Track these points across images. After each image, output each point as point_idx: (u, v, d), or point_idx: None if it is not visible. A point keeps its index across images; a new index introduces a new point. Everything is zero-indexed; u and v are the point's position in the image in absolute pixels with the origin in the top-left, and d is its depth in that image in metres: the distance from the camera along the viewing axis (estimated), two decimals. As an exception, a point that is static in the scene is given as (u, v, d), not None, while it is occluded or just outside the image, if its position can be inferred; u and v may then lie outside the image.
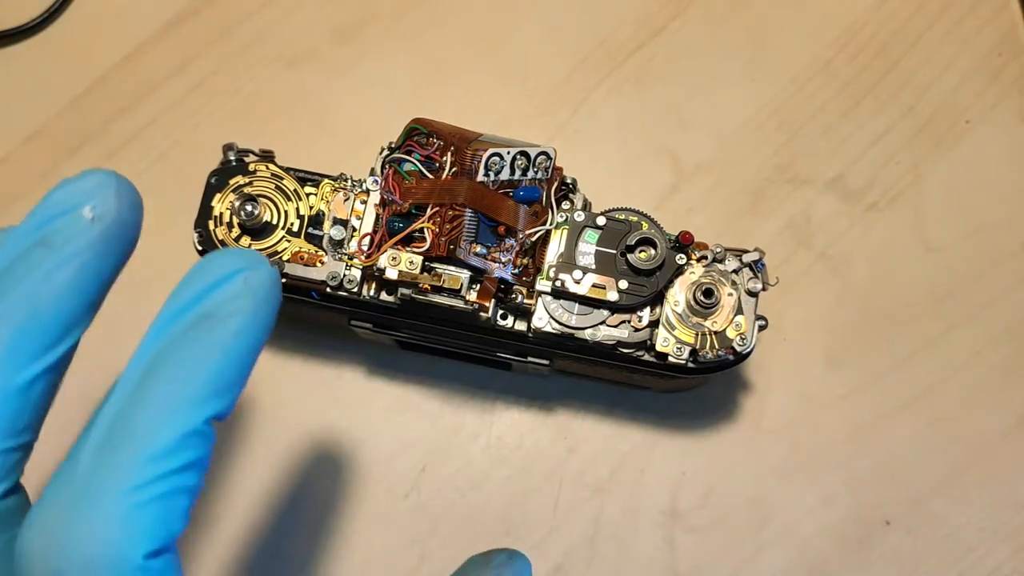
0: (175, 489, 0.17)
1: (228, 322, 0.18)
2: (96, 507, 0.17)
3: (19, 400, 0.18)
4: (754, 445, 0.37)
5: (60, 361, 0.19)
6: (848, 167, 0.39)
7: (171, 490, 0.17)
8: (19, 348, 0.18)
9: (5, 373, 0.18)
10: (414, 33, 0.41)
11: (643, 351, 0.29)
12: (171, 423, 0.17)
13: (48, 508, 0.17)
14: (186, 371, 0.18)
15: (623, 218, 0.29)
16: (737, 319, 0.29)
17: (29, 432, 0.19)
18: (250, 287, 0.18)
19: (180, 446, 0.17)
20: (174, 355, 0.18)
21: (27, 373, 0.18)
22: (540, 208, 0.28)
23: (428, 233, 0.27)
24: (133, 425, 0.17)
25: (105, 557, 0.16)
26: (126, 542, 0.16)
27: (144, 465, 0.17)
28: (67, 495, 0.17)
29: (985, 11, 0.41)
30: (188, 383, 0.17)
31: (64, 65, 0.40)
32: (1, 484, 0.18)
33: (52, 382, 0.19)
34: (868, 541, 0.36)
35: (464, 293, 0.28)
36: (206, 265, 0.18)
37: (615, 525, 0.36)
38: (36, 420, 0.19)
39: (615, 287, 0.28)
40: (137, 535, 0.17)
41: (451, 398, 0.37)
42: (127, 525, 0.17)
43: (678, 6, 0.41)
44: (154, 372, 0.18)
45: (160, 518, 0.17)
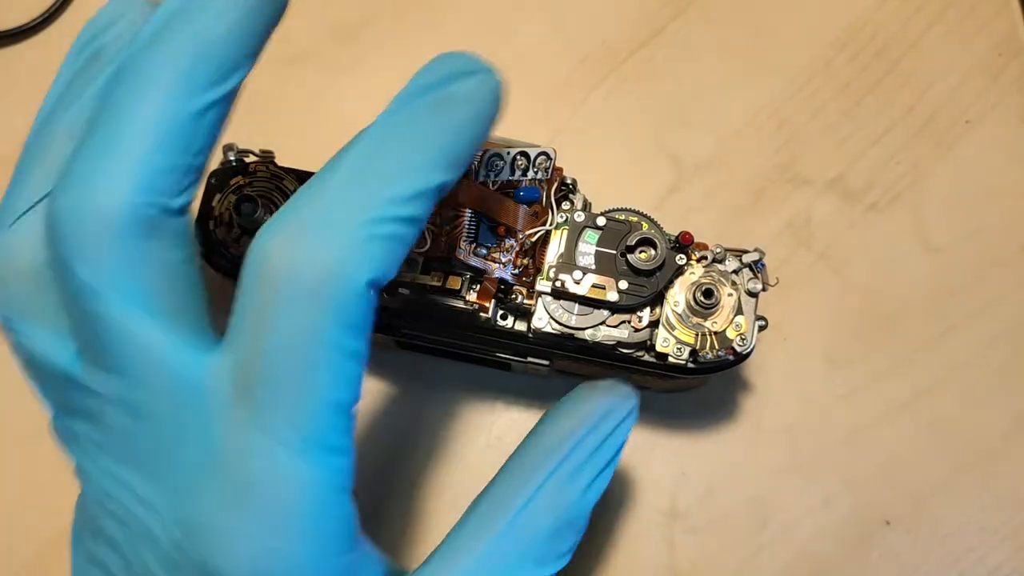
0: (400, 236, 0.20)
1: (464, 107, 0.21)
2: (338, 228, 0.19)
3: (193, 124, 0.20)
4: (754, 445, 0.37)
5: (227, 96, 0.20)
6: (848, 167, 0.39)
7: (397, 234, 0.20)
8: (193, 78, 0.20)
9: (182, 99, 0.19)
10: (414, 33, 0.41)
11: (643, 351, 0.29)
12: (409, 177, 0.20)
13: (292, 220, 0.19)
14: (424, 140, 0.20)
15: (623, 218, 0.29)
16: (737, 319, 0.29)
17: (202, 156, 0.20)
18: (485, 86, 0.21)
19: (411, 199, 0.20)
20: (414, 125, 0.20)
21: (200, 101, 0.20)
22: (540, 208, 0.28)
23: (427, 234, 0.28)
24: (377, 171, 0.20)
25: (337, 271, 0.19)
26: (356, 263, 0.19)
27: (383, 204, 0.19)
28: (311, 214, 0.19)
29: (985, 11, 0.41)
30: (425, 150, 0.20)
31: (64, 65, 0.40)
32: (178, 199, 0.20)
33: (220, 114, 0.21)
34: (868, 541, 0.36)
35: (464, 293, 0.28)
36: (447, 59, 0.21)
37: (614, 525, 0.36)
38: (207, 147, 0.21)
39: (615, 287, 0.28)
40: (365, 261, 0.19)
41: (451, 398, 0.37)
42: (359, 249, 0.19)
43: (678, 6, 0.41)
44: (396, 135, 0.20)
45: (383, 254, 0.19)
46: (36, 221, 0.21)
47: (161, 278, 0.20)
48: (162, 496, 0.20)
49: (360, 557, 0.21)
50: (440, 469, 0.36)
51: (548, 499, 0.23)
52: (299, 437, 0.19)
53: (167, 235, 0.20)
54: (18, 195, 0.21)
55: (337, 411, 0.20)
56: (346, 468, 0.20)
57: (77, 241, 0.19)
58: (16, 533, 0.36)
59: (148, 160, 0.19)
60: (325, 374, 0.19)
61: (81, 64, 0.22)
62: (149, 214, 0.19)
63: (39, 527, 0.36)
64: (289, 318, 0.19)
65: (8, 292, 0.21)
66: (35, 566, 0.36)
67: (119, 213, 0.19)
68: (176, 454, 0.20)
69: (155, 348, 0.20)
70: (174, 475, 0.20)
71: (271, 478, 0.19)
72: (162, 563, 0.20)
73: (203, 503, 0.20)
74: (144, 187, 0.19)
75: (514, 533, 0.23)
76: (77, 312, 0.20)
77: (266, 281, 0.19)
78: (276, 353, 0.19)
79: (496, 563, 0.22)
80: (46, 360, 0.21)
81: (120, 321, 0.19)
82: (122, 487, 0.21)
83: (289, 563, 0.20)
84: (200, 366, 0.20)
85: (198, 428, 0.20)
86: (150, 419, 0.20)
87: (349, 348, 0.19)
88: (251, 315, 0.19)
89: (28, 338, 0.21)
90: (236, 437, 0.19)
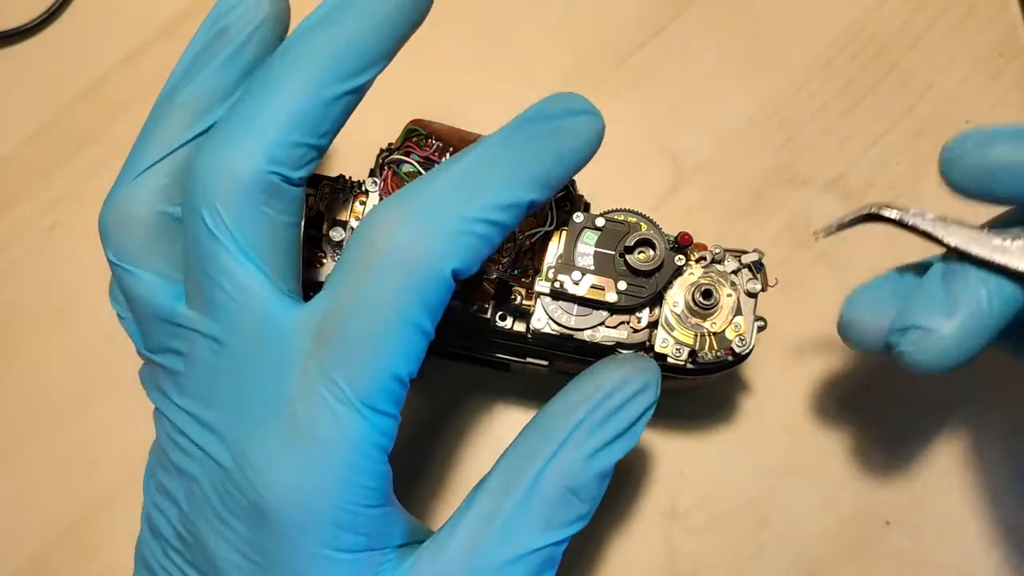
0: (487, 236, 0.22)
1: (568, 142, 0.24)
2: (439, 218, 0.22)
3: (324, 110, 0.23)
4: (754, 445, 0.37)
5: (358, 88, 0.23)
6: (848, 167, 0.39)
7: (486, 235, 0.22)
8: (331, 70, 0.23)
9: (319, 86, 0.23)
10: (414, 34, 0.41)
11: (642, 352, 0.29)
12: (507, 188, 0.22)
13: (403, 203, 0.22)
14: (528, 160, 0.23)
15: (622, 219, 0.29)
16: (736, 320, 0.29)
17: (326, 138, 0.23)
18: (590, 127, 0.24)
19: (505, 208, 0.22)
20: (524, 146, 0.23)
21: (334, 91, 0.23)
22: (539, 209, 0.28)
23: None
24: (482, 178, 0.22)
25: (429, 254, 0.21)
26: (446, 252, 0.22)
27: (481, 207, 0.22)
28: (419, 202, 0.22)
29: (985, 11, 0.41)
30: (527, 169, 0.23)
31: (64, 65, 0.40)
32: (298, 172, 0.23)
33: (350, 103, 0.24)
34: (868, 541, 0.36)
35: (463, 294, 0.28)
36: (564, 98, 0.24)
37: (614, 525, 0.36)
38: (332, 131, 0.24)
39: (614, 288, 0.28)
40: (454, 251, 0.22)
41: (450, 398, 0.37)
42: (452, 240, 0.22)
43: (678, 6, 0.41)
44: (507, 151, 0.23)
45: (471, 250, 0.22)
46: (157, 176, 0.24)
47: (269, 235, 0.23)
48: (227, 428, 0.22)
49: (388, 514, 0.23)
50: (439, 469, 0.36)
51: (554, 466, 0.24)
52: (358, 396, 0.22)
53: (283, 200, 0.23)
54: (142, 154, 0.24)
55: (396, 380, 0.22)
56: (390, 431, 0.23)
57: (210, 193, 0.22)
58: (18, 531, 0.36)
59: (281, 136, 0.22)
60: (395, 344, 0.22)
61: (207, 41, 0.25)
62: (272, 180, 0.22)
63: (43, 525, 0.36)
64: (377, 286, 0.21)
65: (126, 237, 0.24)
66: (35, 565, 0.36)
67: (249, 176, 0.22)
68: (250, 391, 0.22)
69: (254, 292, 0.22)
70: (243, 410, 0.22)
71: (325, 426, 0.22)
72: (217, 491, 0.23)
73: (260, 438, 0.22)
74: (273, 157, 0.22)
75: (519, 499, 0.24)
76: (193, 254, 0.23)
77: (367, 251, 0.22)
78: (358, 314, 0.22)
79: (498, 528, 0.24)
80: (150, 301, 0.24)
81: (229, 265, 0.22)
82: (193, 421, 0.23)
83: (325, 505, 0.22)
84: (289, 314, 0.22)
85: (274, 369, 0.22)
86: (235, 358, 0.23)
87: (421, 326, 0.22)
88: (346, 278, 0.22)
89: (137, 280, 0.24)
90: (304, 383, 0.22)
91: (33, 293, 0.38)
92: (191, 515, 0.24)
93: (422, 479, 0.36)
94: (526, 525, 0.24)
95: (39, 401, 0.37)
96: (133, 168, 0.24)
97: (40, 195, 0.39)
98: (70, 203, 0.39)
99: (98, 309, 0.38)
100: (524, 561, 0.24)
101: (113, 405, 0.37)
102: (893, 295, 0.27)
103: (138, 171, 0.24)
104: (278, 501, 0.22)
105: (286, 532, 0.22)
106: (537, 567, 0.24)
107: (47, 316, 0.38)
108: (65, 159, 0.39)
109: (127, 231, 0.24)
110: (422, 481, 0.36)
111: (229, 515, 0.23)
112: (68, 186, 0.39)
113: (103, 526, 0.36)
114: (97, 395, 0.37)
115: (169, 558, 0.24)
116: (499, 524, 0.24)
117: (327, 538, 0.22)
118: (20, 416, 0.37)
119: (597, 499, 0.25)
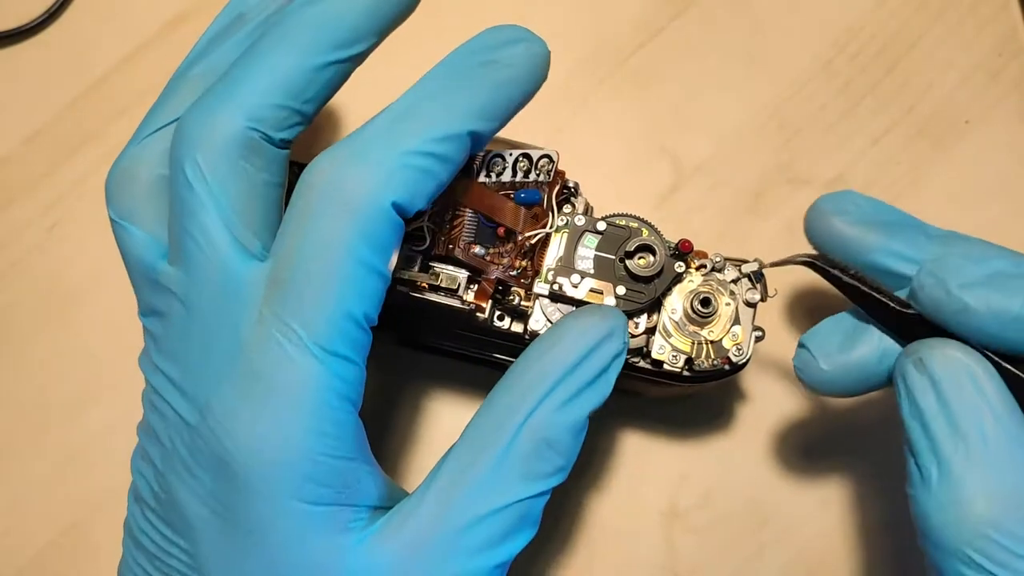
0: (428, 169, 0.23)
1: (505, 70, 0.24)
2: (374, 155, 0.22)
3: (310, 76, 0.24)
4: (753, 446, 0.37)
5: (348, 59, 0.24)
6: (848, 167, 0.39)
7: (425, 168, 0.22)
8: (320, 40, 0.24)
9: (306, 54, 0.24)
10: (413, 33, 0.41)
11: (639, 357, 0.29)
12: (443, 121, 0.23)
13: (340, 148, 0.23)
14: (465, 93, 0.23)
15: (624, 224, 0.29)
16: (734, 329, 0.29)
17: (310, 105, 0.24)
18: (528, 53, 0.24)
19: (443, 140, 0.23)
20: (458, 80, 0.23)
21: (321, 59, 0.24)
22: (540, 211, 0.28)
23: (428, 232, 0.28)
24: (416, 114, 0.23)
25: (366, 189, 0.22)
26: (384, 185, 0.22)
27: (417, 141, 0.22)
28: (356, 143, 0.23)
29: (985, 11, 0.41)
30: (463, 100, 0.23)
31: (64, 65, 0.40)
32: (280, 133, 0.24)
33: (338, 73, 0.24)
34: (868, 542, 0.36)
35: (461, 293, 0.28)
36: (498, 29, 0.24)
37: (614, 525, 0.36)
38: (317, 98, 0.24)
39: (612, 292, 0.28)
40: (392, 184, 0.22)
41: (450, 398, 0.37)
42: (389, 174, 0.22)
43: (678, 6, 0.41)
44: (441, 87, 0.23)
45: (410, 183, 0.22)
46: (161, 140, 0.25)
47: (248, 190, 0.23)
48: (193, 383, 0.23)
49: (358, 469, 0.23)
50: (429, 461, 0.36)
51: (526, 419, 0.24)
52: (311, 337, 0.22)
53: (263, 158, 0.24)
54: (151, 120, 0.26)
55: (350, 320, 0.22)
56: (352, 379, 0.22)
57: (192, 146, 0.23)
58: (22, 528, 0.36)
59: (264, 97, 0.23)
60: (344, 282, 0.22)
61: (225, 24, 0.26)
62: (252, 136, 0.23)
63: (42, 526, 0.36)
64: (319, 225, 0.22)
65: (126, 196, 0.25)
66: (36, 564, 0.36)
67: (230, 131, 0.23)
68: (212, 345, 0.23)
69: (219, 245, 0.23)
70: (207, 364, 0.23)
71: (281, 372, 0.22)
72: (186, 445, 0.23)
73: (222, 390, 0.22)
74: (254, 116, 0.23)
75: (491, 454, 0.24)
76: (174, 208, 0.24)
77: (306, 194, 0.22)
78: (304, 255, 0.22)
79: (472, 482, 0.23)
80: (141, 258, 0.24)
81: (202, 217, 0.23)
82: (166, 381, 0.24)
83: (287, 454, 0.22)
84: (248, 267, 0.23)
85: (233, 320, 0.22)
86: (200, 312, 0.23)
87: (369, 263, 0.22)
88: (290, 223, 0.22)
89: (131, 237, 0.25)
90: (259, 329, 0.22)
91: (33, 293, 0.38)
92: (165, 473, 0.24)
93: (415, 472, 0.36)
94: (501, 479, 0.23)
95: (39, 401, 0.37)
96: (141, 132, 0.26)
97: (40, 195, 0.39)
98: (70, 203, 0.39)
99: (98, 309, 0.38)
100: (501, 515, 0.23)
101: (113, 405, 0.37)
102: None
103: (145, 135, 0.25)
104: (240, 451, 0.22)
105: (249, 483, 0.22)
106: (515, 521, 0.23)
107: (47, 316, 0.38)
108: (65, 159, 0.39)
109: (127, 190, 0.25)
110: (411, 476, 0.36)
111: (197, 467, 0.23)
112: (68, 186, 0.39)
113: (103, 526, 0.36)
114: (97, 395, 0.37)
115: (147, 519, 0.24)
116: (473, 479, 0.23)
117: (291, 488, 0.22)
118: (20, 416, 0.37)
119: (573, 452, 0.24)
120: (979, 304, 0.25)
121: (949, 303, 0.26)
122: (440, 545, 0.23)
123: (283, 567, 0.22)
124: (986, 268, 0.26)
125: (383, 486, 0.24)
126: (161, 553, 0.24)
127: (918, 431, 0.25)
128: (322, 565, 0.22)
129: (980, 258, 0.26)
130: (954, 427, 0.24)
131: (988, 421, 0.24)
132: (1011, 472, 0.24)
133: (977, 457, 0.24)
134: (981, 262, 0.26)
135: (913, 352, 0.26)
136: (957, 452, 0.24)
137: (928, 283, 0.26)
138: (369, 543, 0.23)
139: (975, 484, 0.24)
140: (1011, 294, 0.25)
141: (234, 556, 0.23)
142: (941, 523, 0.24)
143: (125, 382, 0.36)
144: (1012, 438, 0.24)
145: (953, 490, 0.24)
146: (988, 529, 0.23)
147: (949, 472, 0.24)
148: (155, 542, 0.24)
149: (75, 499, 0.36)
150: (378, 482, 0.24)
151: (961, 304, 0.25)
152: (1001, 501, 0.23)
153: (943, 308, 0.26)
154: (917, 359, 0.26)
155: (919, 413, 0.25)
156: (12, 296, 0.38)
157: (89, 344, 0.38)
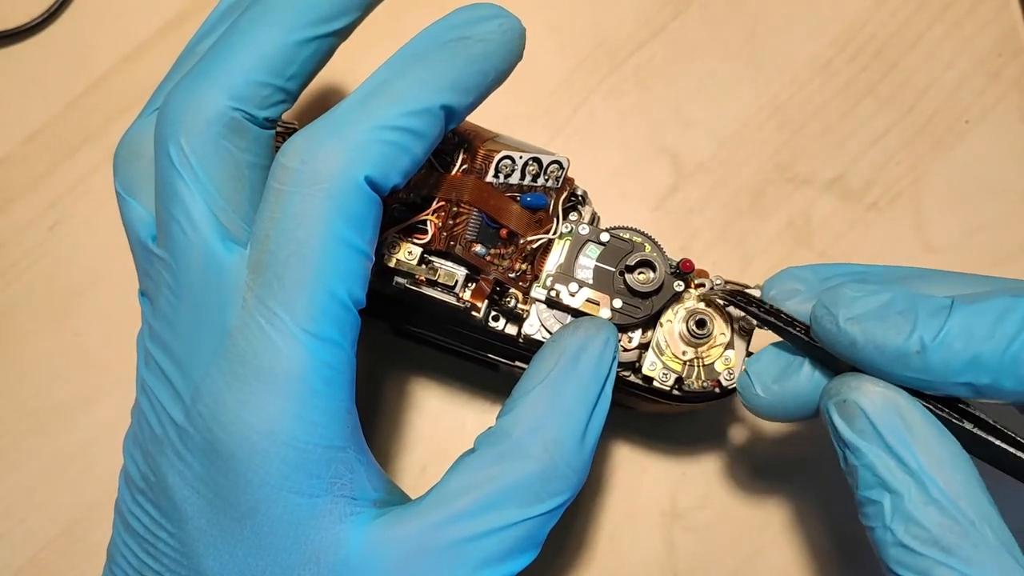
0: (400, 144, 0.22)
1: (478, 45, 0.24)
2: (346, 131, 0.22)
3: (291, 52, 0.24)
4: (753, 446, 0.37)
5: (331, 33, 0.24)
6: (848, 167, 0.39)
7: (398, 142, 0.22)
8: (300, 15, 0.24)
9: (287, 30, 0.24)
10: (413, 33, 0.41)
11: (629, 371, 0.29)
12: (416, 94, 0.23)
13: (312, 128, 0.22)
14: (437, 67, 0.23)
15: (627, 237, 0.29)
16: (728, 354, 0.29)
17: (293, 82, 0.24)
18: (502, 29, 0.24)
19: (415, 114, 0.22)
20: (430, 55, 0.23)
21: (302, 34, 0.24)
22: (545, 216, 0.28)
23: (431, 226, 0.27)
24: (389, 90, 0.23)
25: (339, 165, 0.22)
26: (356, 160, 0.22)
27: (389, 116, 0.22)
28: (327, 122, 0.22)
29: (985, 11, 0.41)
30: (436, 75, 0.23)
31: (64, 65, 0.40)
32: (263, 112, 0.24)
33: (320, 48, 0.24)
34: (867, 542, 0.36)
35: (458, 290, 0.28)
36: (473, 6, 0.24)
37: (614, 525, 0.36)
38: (300, 75, 0.24)
39: (609, 305, 0.28)
40: (365, 159, 0.22)
41: (451, 398, 0.37)
42: (361, 149, 0.22)
43: (678, 6, 0.41)
44: (413, 63, 0.23)
45: (383, 157, 0.22)
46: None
47: (232, 171, 0.23)
48: (184, 367, 0.23)
49: (352, 461, 0.23)
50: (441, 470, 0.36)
51: (535, 438, 0.24)
52: (294, 321, 0.21)
53: (247, 139, 0.23)
54: (162, 92, 0.26)
55: (334, 300, 0.22)
56: (339, 364, 0.22)
57: (175, 126, 0.23)
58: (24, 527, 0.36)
59: (245, 75, 0.23)
60: (323, 259, 0.22)
61: (233, 2, 0.27)
62: (235, 116, 0.23)
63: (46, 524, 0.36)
64: (293, 204, 0.22)
65: (131, 169, 0.25)
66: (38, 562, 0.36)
67: (212, 111, 0.23)
68: (199, 332, 0.22)
69: (202, 229, 0.23)
70: (196, 348, 0.22)
71: (265, 357, 0.21)
72: (178, 433, 0.23)
73: (210, 376, 0.22)
74: (236, 95, 0.23)
75: (501, 469, 0.24)
76: (159, 188, 0.23)
77: (280, 175, 0.22)
78: (281, 235, 0.22)
79: (482, 496, 0.23)
80: (138, 232, 0.24)
81: (186, 198, 0.23)
82: (157, 366, 0.23)
83: (273, 441, 0.22)
84: (231, 252, 0.23)
85: (219, 305, 0.22)
86: (188, 294, 0.23)
87: (348, 240, 0.22)
88: (267, 205, 0.22)
89: (131, 210, 0.25)
90: (243, 315, 0.22)
91: (33, 293, 0.38)
92: (155, 455, 0.24)
93: (420, 480, 0.36)
94: (509, 497, 0.23)
95: (39, 401, 0.37)
96: (151, 106, 0.26)
97: (40, 195, 0.39)
98: (70, 203, 0.39)
99: (98, 309, 0.38)
100: (508, 532, 0.23)
101: (113, 405, 0.37)
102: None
103: (153, 108, 0.25)
104: (227, 437, 0.22)
105: (239, 470, 0.22)
106: (521, 539, 0.23)
107: (47, 316, 0.38)
108: (65, 159, 0.39)
109: (132, 163, 0.25)
110: (418, 488, 0.36)
111: (187, 453, 0.23)
112: (68, 186, 0.39)
113: (103, 526, 0.36)
114: (96, 394, 0.37)
115: (136, 500, 0.24)
116: (482, 494, 0.23)
117: (278, 476, 0.22)
118: (20, 416, 0.37)
119: (582, 470, 0.25)
120: (864, 339, 0.23)
121: (839, 337, 0.24)
122: (444, 553, 0.23)
123: (277, 554, 0.22)
124: (876, 300, 0.24)
125: (379, 479, 0.24)
126: (150, 536, 0.24)
127: (856, 466, 0.24)
128: (317, 555, 0.22)
129: (875, 290, 0.24)
130: (885, 464, 0.23)
131: (918, 451, 0.23)
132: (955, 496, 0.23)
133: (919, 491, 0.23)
134: (874, 294, 0.24)
135: (833, 391, 0.25)
136: (902, 486, 0.23)
137: (820, 315, 0.25)
138: (369, 538, 0.23)
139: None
140: (893, 328, 0.23)
141: (225, 542, 0.23)
142: (897, 555, 0.23)
143: (124, 381, 0.36)
144: (949, 466, 0.23)
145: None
146: (941, 556, 0.22)
147: (900, 507, 0.23)
148: (144, 524, 0.24)
149: (75, 498, 0.36)
150: (372, 474, 0.24)
151: (849, 339, 0.24)
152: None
153: (834, 343, 0.24)
154: (840, 400, 0.24)
155: (851, 449, 0.24)
156: (12, 296, 0.38)
157: (88, 344, 0.38)
